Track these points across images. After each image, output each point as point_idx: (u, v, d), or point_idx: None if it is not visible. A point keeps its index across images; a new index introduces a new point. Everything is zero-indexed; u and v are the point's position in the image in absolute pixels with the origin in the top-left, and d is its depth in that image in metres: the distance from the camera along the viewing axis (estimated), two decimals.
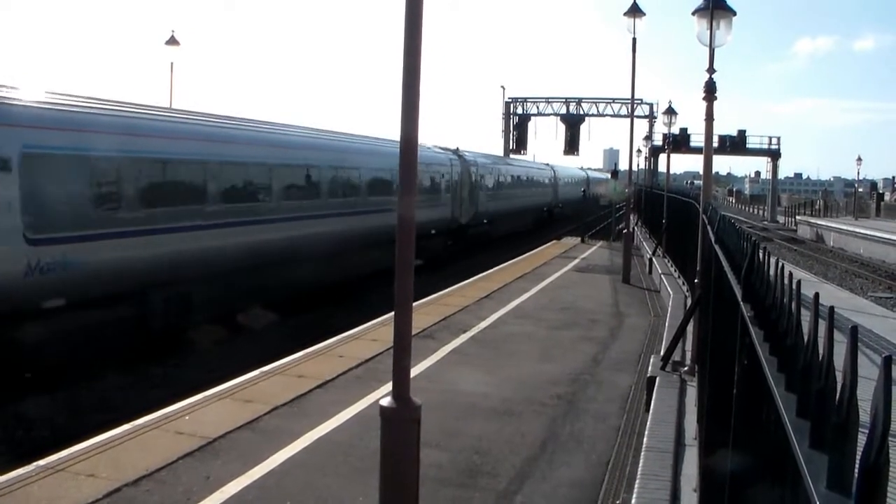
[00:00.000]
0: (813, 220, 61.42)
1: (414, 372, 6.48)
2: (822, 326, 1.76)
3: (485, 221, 37.71)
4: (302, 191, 20.78)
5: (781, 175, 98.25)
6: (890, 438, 1.19)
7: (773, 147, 74.00)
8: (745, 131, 72.96)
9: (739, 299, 3.64)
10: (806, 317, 2.04)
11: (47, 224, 12.35)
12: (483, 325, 15.45)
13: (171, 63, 27.43)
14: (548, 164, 64.26)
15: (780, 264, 2.87)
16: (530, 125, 70.96)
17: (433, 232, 29.19)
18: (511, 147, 69.15)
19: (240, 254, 17.16)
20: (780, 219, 77.92)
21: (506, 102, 70.49)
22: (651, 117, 65.49)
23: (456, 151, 36.03)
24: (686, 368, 10.72)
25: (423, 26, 5.32)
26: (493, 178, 41.06)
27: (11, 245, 11.73)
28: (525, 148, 70.75)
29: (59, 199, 12.80)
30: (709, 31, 11.18)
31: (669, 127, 35.92)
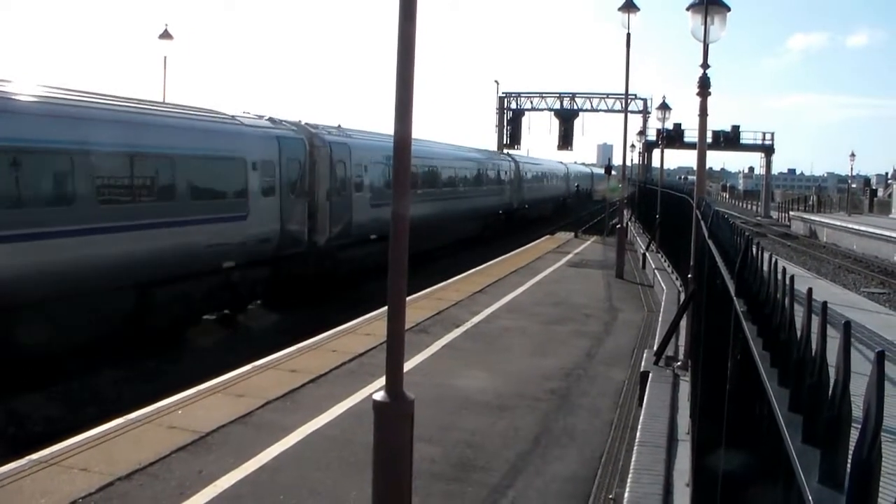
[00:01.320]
0: (806, 216, 61.51)
1: (407, 367, 6.49)
2: (815, 322, 1.76)
3: (526, 206, 49.35)
4: (465, 183, 37.00)
5: (775, 171, 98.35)
6: (882, 434, 1.19)
7: (767, 143, 73.92)
8: (738, 127, 72.81)
9: (733, 294, 3.65)
10: (799, 312, 2.04)
11: (374, 197, 24.40)
12: (476, 319, 15.46)
13: (165, 57, 27.39)
14: (562, 162, 73.08)
15: (773, 260, 2.87)
16: (524, 120, 70.81)
17: (500, 212, 43.28)
18: (504, 142, 69.09)
19: (437, 216, 30.50)
20: (774, 214, 78.00)
21: (500, 97, 70.34)
22: (645, 112, 65.41)
23: (509, 154, 51.20)
24: (679, 363, 10.74)
25: (418, 24, 5.32)
26: (531, 174, 52.96)
27: (366, 206, 24.00)
28: (519, 143, 70.58)
29: (376, 184, 24.98)
30: (703, 27, 11.19)
31: (663, 122, 35.91)
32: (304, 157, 20.79)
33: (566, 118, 68.71)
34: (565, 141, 69.01)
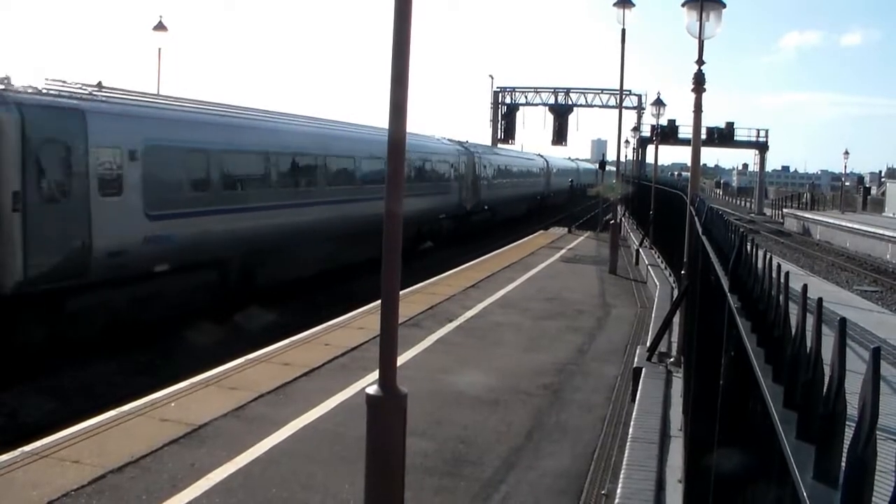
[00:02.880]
0: (800, 213, 61.71)
1: (400, 361, 6.48)
2: (809, 319, 1.76)
3: (552, 194, 63.07)
4: (527, 176, 55.17)
5: (769, 168, 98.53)
6: (877, 431, 1.19)
7: (761, 140, 74.04)
8: (733, 123, 72.95)
9: (727, 290, 3.64)
10: (793, 310, 2.04)
11: (487, 186, 41.64)
12: (469, 314, 15.46)
13: (159, 49, 27.28)
14: (570, 159, 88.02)
15: (767, 256, 2.87)
16: (518, 115, 70.88)
17: (538, 197, 58.52)
18: (499, 137, 69.09)
19: (519, 196, 51.12)
20: (767, 211, 78.24)
21: (494, 92, 70.36)
22: (639, 108, 65.55)
23: (540, 155, 65.54)
24: (672, 359, 10.76)
25: (414, 19, 5.32)
26: (555, 169, 66.21)
27: (486, 190, 41.05)
28: (513, 138, 70.68)
29: (489, 176, 42.27)
30: (698, 23, 11.18)
31: (658, 118, 35.96)
32: (465, 160, 37.53)
33: (560, 113, 68.72)
34: (559, 136, 69.03)
